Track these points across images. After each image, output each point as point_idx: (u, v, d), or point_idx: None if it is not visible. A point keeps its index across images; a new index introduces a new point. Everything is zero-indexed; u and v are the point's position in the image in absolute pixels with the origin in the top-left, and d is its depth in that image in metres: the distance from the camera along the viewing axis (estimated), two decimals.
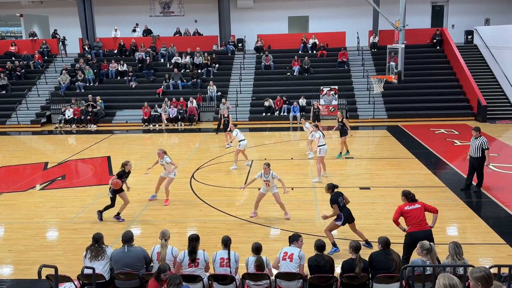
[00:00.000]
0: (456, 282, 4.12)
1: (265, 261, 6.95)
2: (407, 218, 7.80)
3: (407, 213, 7.79)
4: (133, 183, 14.06)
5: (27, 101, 26.27)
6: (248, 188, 11.83)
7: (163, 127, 23.75)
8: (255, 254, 7.01)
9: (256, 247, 7.05)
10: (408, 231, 7.73)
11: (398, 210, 7.91)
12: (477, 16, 30.55)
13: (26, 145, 21.80)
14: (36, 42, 30.90)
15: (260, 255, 6.98)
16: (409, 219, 7.76)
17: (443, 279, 4.16)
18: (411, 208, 7.81)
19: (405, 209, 7.83)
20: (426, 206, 7.94)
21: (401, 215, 7.87)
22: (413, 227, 7.68)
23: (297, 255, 6.99)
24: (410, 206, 7.83)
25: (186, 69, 27.77)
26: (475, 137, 12.20)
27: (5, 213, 11.77)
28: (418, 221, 7.70)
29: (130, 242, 7.11)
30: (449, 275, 4.21)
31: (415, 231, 7.61)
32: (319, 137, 13.82)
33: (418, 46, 27.83)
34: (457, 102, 24.76)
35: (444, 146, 18.02)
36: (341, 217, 8.83)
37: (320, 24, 31.24)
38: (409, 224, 7.78)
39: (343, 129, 16.06)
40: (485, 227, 10.17)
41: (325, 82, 25.49)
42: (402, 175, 14.15)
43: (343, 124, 16.07)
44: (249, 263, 6.94)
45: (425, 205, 7.94)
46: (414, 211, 7.77)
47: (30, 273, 8.26)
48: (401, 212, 7.86)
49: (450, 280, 4.13)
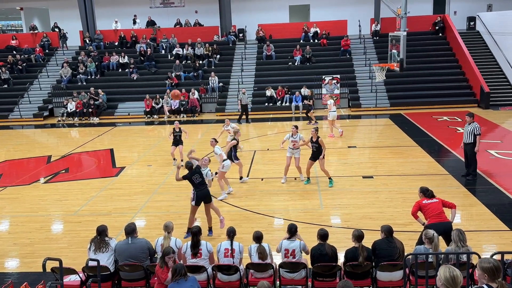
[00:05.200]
0: (457, 273, 4.12)
1: (267, 249, 6.96)
2: (426, 212, 7.75)
3: (426, 207, 7.75)
4: (136, 175, 14.14)
5: (29, 95, 26.29)
6: (251, 179, 11.83)
7: (165, 119, 23.75)
8: (256, 242, 7.03)
9: (257, 236, 7.06)
10: (428, 223, 7.64)
11: (416, 204, 7.89)
12: (479, 2, 30.29)
13: (29, 139, 21.85)
14: (36, 36, 30.84)
15: (261, 243, 7.00)
16: (428, 212, 7.72)
17: (444, 270, 4.16)
18: (429, 202, 7.79)
19: (423, 202, 7.81)
20: (444, 202, 7.90)
21: (419, 209, 7.84)
22: (432, 219, 7.62)
23: (298, 250, 6.97)
24: (429, 201, 7.82)
25: (188, 60, 27.70)
26: (469, 122, 12.14)
27: (10, 207, 11.83)
28: (437, 213, 7.66)
29: (132, 234, 7.13)
30: (450, 266, 4.22)
31: (435, 222, 7.53)
32: None
33: (420, 34, 27.64)
34: (460, 89, 24.65)
35: (447, 133, 17.97)
36: (193, 197, 9.11)
37: (321, 13, 31.05)
38: (428, 217, 7.72)
39: (318, 150, 12.13)
40: (488, 214, 10.17)
41: (327, 71, 25.41)
42: (405, 163, 14.14)
43: (318, 144, 12.08)
44: (252, 251, 6.97)
45: (443, 201, 7.91)
46: (432, 204, 7.75)
47: (35, 266, 8.32)
48: (419, 206, 7.82)
49: (452, 271, 4.14)
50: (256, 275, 6.94)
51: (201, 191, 9.08)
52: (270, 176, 13.32)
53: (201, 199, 9.10)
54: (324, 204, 11.10)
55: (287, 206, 11.11)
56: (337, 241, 8.03)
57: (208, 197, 9.16)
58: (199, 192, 9.07)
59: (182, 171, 9.41)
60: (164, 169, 14.41)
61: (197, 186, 9.08)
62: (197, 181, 9.06)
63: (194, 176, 9.05)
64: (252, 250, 6.97)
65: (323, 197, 11.52)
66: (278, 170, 13.84)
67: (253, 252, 6.94)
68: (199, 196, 9.06)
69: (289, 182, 12.74)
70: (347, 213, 10.53)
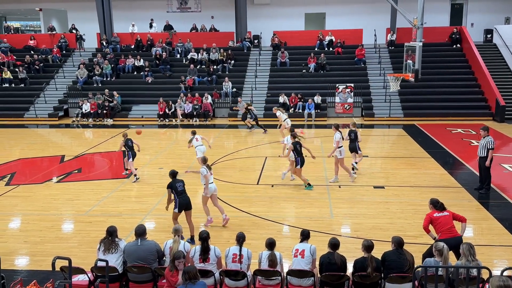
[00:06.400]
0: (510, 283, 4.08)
1: (278, 258, 6.93)
2: (437, 225, 7.68)
3: (437, 220, 7.67)
4: (148, 177, 14.21)
5: (45, 95, 26.62)
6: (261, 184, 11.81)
7: (178, 123, 23.86)
8: (269, 249, 6.99)
9: (270, 242, 7.03)
10: (439, 238, 7.54)
11: (427, 217, 7.79)
12: (497, 14, 30.06)
13: (44, 138, 22.09)
14: (54, 36, 31.25)
15: (274, 251, 6.97)
16: (439, 226, 7.64)
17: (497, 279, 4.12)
18: (440, 215, 7.71)
19: (434, 216, 7.72)
20: (455, 215, 7.82)
21: (431, 223, 7.76)
22: (444, 234, 7.54)
23: (308, 251, 6.97)
24: (439, 214, 7.74)
25: (202, 65, 27.85)
26: (483, 136, 12.07)
27: (22, 205, 11.95)
28: (448, 228, 7.58)
29: (143, 236, 7.17)
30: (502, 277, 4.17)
31: (446, 238, 7.43)
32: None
33: (436, 45, 27.49)
34: (475, 101, 24.44)
35: (460, 146, 17.81)
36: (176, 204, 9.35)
37: (337, 21, 31.03)
38: (439, 232, 7.65)
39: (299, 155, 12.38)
40: (500, 228, 10.04)
41: (341, 80, 25.35)
42: (417, 175, 14.02)
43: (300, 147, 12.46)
44: (263, 257, 6.94)
45: (454, 214, 7.82)
46: (443, 218, 7.67)
47: (45, 264, 8.39)
48: (430, 219, 7.73)
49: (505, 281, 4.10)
50: (263, 281, 6.92)
51: (183, 198, 9.35)
52: (280, 183, 13.30)
53: (183, 206, 9.36)
54: (334, 213, 11.05)
55: (297, 214, 11.08)
56: (346, 251, 7.97)
57: (189, 204, 9.43)
58: (181, 200, 9.33)
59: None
60: None
61: (179, 194, 9.34)
62: (179, 189, 9.36)
63: (177, 184, 9.37)
64: (263, 257, 6.95)
65: (333, 206, 11.47)
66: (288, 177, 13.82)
67: (264, 259, 6.92)
68: (181, 203, 9.33)
69: (299, 190, 12.71)
70: (357, 222, 10.46)
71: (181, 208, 9.37)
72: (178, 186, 9.36)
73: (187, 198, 9.42)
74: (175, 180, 9.44)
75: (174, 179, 9.45)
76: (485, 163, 11.94)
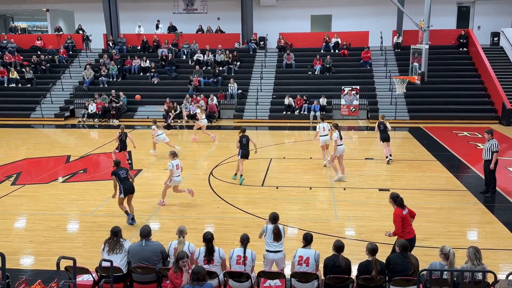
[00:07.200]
0: None
1: (282, 230, 7.43)
2: (404, 224, 7.59)
3: (404, 219, 7.60)
4: (153, 178, 14.24)
5: (52, 95, 26.74)
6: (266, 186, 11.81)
7: (183, 124, 23.90)
8: (272, 223, 7.48)
9: (274, 216, 7.53)
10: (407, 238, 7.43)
11: (398, 219, 7.58)
12: (504, 17, 29.94)
13: (50, 138, 22.19)
14: (61, 37, 31.40)
15: (278, 224, 7.45)
16: (405, 225, 7.58)
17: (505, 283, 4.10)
18: (405, 213, 7.66)
19: (403, 214, 7.65)
20: (410, 211, 7.82)
21: None
22: (408, 234, 7.53)
23: (313, 258, 6.92)
24: (404, 211, 7.67)
25: (208, 66, 27.89)
26: (488, 139, 12.03)
27: (27, 205, 12.00)
28: (410, 226, 7.61)
29: (148, 237, 7.18)
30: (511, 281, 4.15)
31: (410, 238, 7.44)
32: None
33: (442, 47, 27.40)
34: (481, 104, 24.34)
35: (466, 149, 17.73)
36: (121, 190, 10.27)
37: (343, 23, 31.01)
38: (403, 230, 7.56)
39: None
40: (506, 232, 9.98)
41: (347, 82, 25.31)
42: (422, 178, 13.97)
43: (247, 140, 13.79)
44: (268, 230, 7.44)
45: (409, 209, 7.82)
46: (408, 215, 7.67)
47: (49, 264, 8.41)
48: (402, 218, 7.60)
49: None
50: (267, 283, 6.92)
51: (126, 184, 10.32)
52: (285, 185, 13.29)
53: (127, 191, 10.34)
54: (339, 215, 11.03)
55: (301, 216, 11.06)
56: (351, 253, 7.94)
57: (132, 189, 10.42)
58: (124, 185, 10.27)
59: None
60: None
61: (122, 180, 10.28)
62: (122, 176, 10.32)
63: (120, 172, 10.33)
64: (268, 230, 7.43)
65: (337, 208, 11.45)
66: (293, 179, 13.83)
67: (269, 231, 7.40)
68: (125, 189, 10.29)
69: (304, 191, 12.70)
70: (361, 225, 10.44)
71: (126, 193, 10.33)
72: (121, 173, 10.30)
73: (130, 184, 10.37)
74: (118, 168, 10.41)
75: (117, 167, 10.45)
76: (490, 165, 11.89)
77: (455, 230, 10.14)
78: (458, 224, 10.47)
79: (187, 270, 6.42)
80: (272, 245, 7.39)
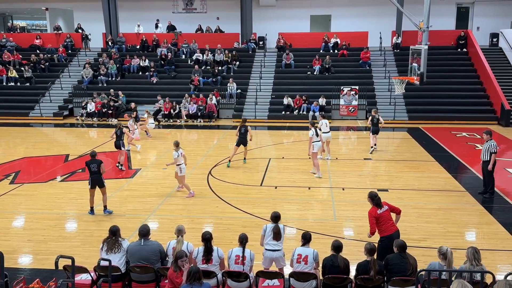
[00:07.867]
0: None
1: (282, 230, 7.45)
2: (380, 223, 7.60)
3: (380, 217, 7.59)
4: (151, 177, 14.23)
5: (50, 94, 26.69)
6: (265, 186, 11.81)
7: (183, 123, 23.89)
8: (273, 222, 7.49)
9: (275, 216, 7.58)
10: (383, 235, 7.50)
11: (372, 218, 7.62)
12: (503, 18, 30.00)
13: (48, 137, 22.16)
14: (60, 36, 31.38)
15: (278, 224, 7.47)
16: (382, 223, 7.57)
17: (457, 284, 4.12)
18: (382, 211, 7.64)
19: (378, 213, 7.64)
20: (391, 207, 7.80)
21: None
22: (387, 231, 7.51)
23: (311, 256, 6.94)
24: (381, 210, 7.65)
25: (207, 66, 27.88)
26: (486, 140, 12.04)
27: (26, 203, 11.99)
28: (390, 224, 7.59)
29: (146, 236, 7.18)
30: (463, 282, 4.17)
31: (390, 234, 7.43)
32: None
33: (441, 48, 27.42)
34: (480, 105, 24.37)
35: (465, 149, 17.75)
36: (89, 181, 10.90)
37: (342, 23, 31.03)
38: (382, 229, 7.56)
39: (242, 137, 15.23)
40: (504, 233, 9.99)
41: (346, 82, 25.31)
42: (421, 178, 13.99)
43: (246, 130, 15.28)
44: (268, 229, 7.47)
45: (390, 206, 7.80)
46: (385, 213, 7.64)
47: (48, 263, 8.41)
48: (375, 218, 7.60)
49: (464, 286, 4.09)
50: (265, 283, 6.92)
51: (95, 178, 10.82)
52: (284, 185, 13.29)
53: (95, 183, 10.84)
54: (337, 215, 11.04)
55: (300, 216, 11.07)
56: (349, 253, 7.95)
57: (100, 182, 10.89)
58: (93, 178, 10.82)
59: None
60: None
61: (92, 173, 10.80)
62: (93, 169, 10.79)
63: (92, 165, 10.80)
64: (268, 229, 7.44)
65: (336, 208, 11.46)
66: (292, 179, 13.84)
67: (268, 231, 7.40)
68: (93, 181, 10.83)
69: (303, 191, 12.71)
70: (360, 225, 10.43)
71: (93, 184, 10.84)
72: (92, 166, 10.80)
73: (99, 177, 10.83)
74: (92, 160, 10.90)
75: (91, 159, 10.93)
76: (488, 166, 11.90)
77: (454, 230, 10.15)
78: (456, 224, 10.48)
79: (186, 269, 6.41)
80: (271, 243, 7.40)
